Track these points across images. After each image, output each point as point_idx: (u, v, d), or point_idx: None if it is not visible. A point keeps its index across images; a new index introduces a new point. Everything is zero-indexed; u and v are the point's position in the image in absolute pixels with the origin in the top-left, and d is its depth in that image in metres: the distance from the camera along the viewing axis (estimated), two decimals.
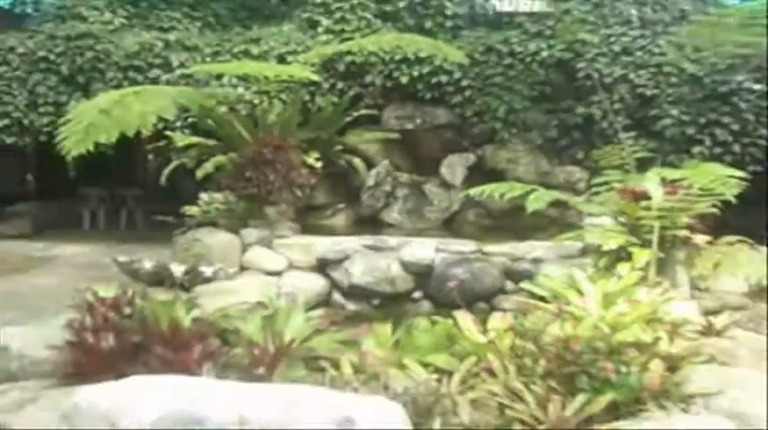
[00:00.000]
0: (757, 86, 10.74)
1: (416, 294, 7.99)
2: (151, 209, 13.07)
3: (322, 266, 8.21)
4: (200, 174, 9.67)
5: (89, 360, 4.98)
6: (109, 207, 14.90)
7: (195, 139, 10.10)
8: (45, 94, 12.41)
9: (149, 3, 13.46)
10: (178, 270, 7.86)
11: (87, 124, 8.03)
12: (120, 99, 8.52)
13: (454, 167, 11.29)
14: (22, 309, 8.05)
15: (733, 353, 5.39)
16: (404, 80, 11.53)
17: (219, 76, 11.61)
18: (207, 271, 7.79)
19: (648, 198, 6.92)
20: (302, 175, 9.24)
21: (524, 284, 6.48)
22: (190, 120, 11.23)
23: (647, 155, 9.37)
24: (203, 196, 9.28)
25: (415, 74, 11.49)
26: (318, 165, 9.67)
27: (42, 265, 11.03)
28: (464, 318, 5.17)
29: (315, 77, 9.95)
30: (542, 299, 5.83)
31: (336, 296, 8.10)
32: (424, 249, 8.03)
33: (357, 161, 10.82)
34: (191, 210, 8.98)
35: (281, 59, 11.63)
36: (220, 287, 7.36)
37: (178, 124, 11.22)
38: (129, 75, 12.13)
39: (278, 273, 8.15)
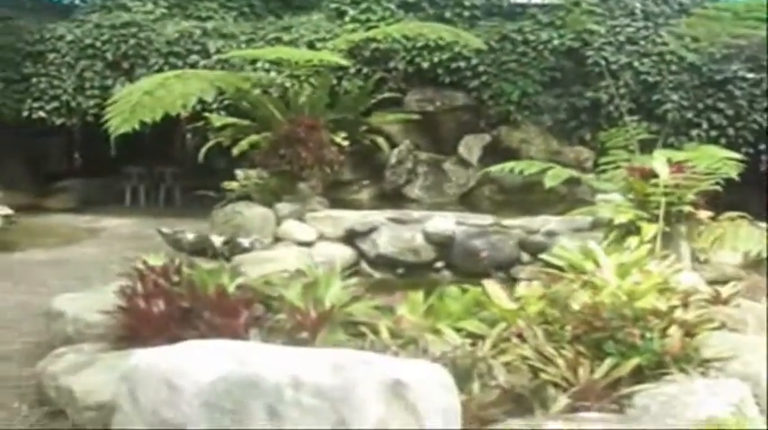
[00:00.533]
0: (750, 75, 10.82)
1: (438, 264, 7.89)
2: (188, 185, 12.99)
3: (350, 238, 8.09)
4: (236, 151, 9.50)
5: (141, 324, 4.86)
6: (148, 184, 14.69)
7: (231, 120, 9.94)
8: (92, 78, 12.44)
9: None
10: (218, 240, 7.78)
11: (134, 103, 7.99)
12: (163, 81, 8.50)
13: (471, 147, 11.12)
14: (75, 276, 8.00)
15: (741, 320, 5.29)
16: (425, 65, 11.43)
17: (254, 61, 11.52)
18: (245, 241, 7.69)
19: (655, 176, 6.86)
20: (332, 153, 9.10)
21: (543, 255, 6.34)
22: (226, 101, 11.15)
23: (649, 136, 9.41)
24: (239, 173, 9.18)
25: (436, 59, 11.37)
26: (345, 143, 9.51)
27: (90, 237, 10.99)
28: (492, 286, 5.05)
29: (343, 62, 9.85)
30: (560, 269, 5.70)
31: (364, 265, 7.98)
32: (445, 222, 7.93)
33: (381, 140, 10.62)
34: (230, 185, 8.89)
35: (311, 46, 11.51)
36: (259, 256, 7.21)
37: (215, 106, 11.16)
38: (169, 60, 12.13)
39: (309, 244, 8.01)
